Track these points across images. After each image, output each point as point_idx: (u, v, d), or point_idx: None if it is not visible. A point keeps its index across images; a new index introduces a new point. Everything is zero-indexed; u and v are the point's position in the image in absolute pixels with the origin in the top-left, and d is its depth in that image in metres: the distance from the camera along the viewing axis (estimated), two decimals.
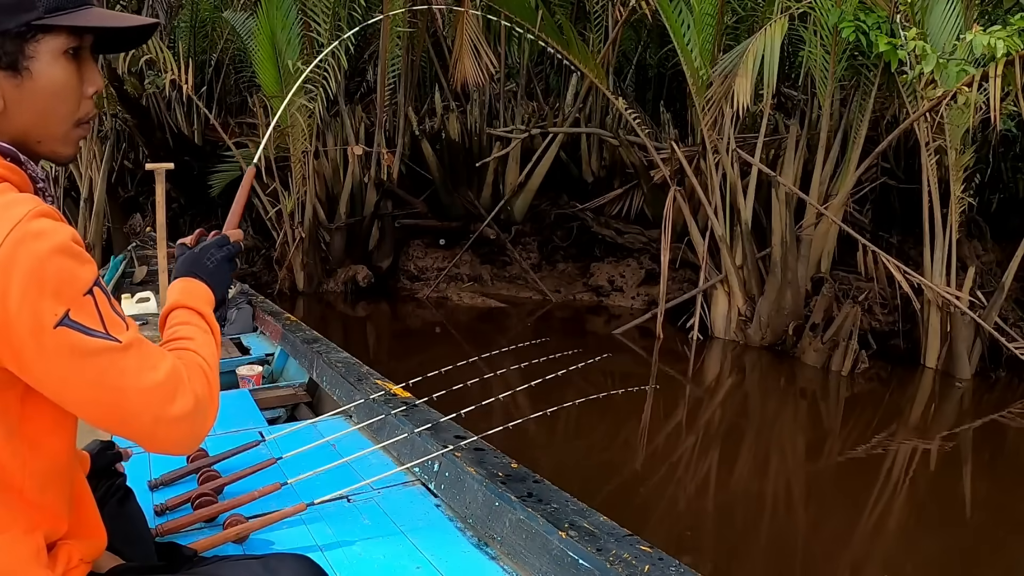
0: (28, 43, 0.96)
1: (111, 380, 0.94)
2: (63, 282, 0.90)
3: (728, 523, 4.03)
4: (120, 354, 0.94)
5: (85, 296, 0.92)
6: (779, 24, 6.10)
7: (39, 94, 0.99)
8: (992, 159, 7.28)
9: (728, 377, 6.76)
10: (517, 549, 1.87)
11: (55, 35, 0.98)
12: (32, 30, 0.96)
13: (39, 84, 0.98)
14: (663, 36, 8.70)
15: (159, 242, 4.36)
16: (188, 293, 1.23)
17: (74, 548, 1.09)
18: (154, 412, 0.97)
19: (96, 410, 0.96)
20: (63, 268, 0.90)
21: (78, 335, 0.91)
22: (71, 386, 0.93)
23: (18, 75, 0.97)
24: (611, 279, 8.65)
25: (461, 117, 9.02)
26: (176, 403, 0.98)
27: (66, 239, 0.92)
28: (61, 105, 1.01)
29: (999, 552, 3.85)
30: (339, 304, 8.49)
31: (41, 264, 0.88)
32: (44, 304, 0.88)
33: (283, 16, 7.80)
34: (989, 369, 6.29)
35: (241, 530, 1.91)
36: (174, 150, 9.19)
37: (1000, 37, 4.94)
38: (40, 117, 1.00)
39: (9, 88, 0.97)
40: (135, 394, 0.95)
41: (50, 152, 1.04)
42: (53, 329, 0.89)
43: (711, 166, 7.03)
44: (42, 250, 0.88)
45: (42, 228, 0.90)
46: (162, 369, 0.98)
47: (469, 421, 2.49)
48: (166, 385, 0.98)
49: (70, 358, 0.91)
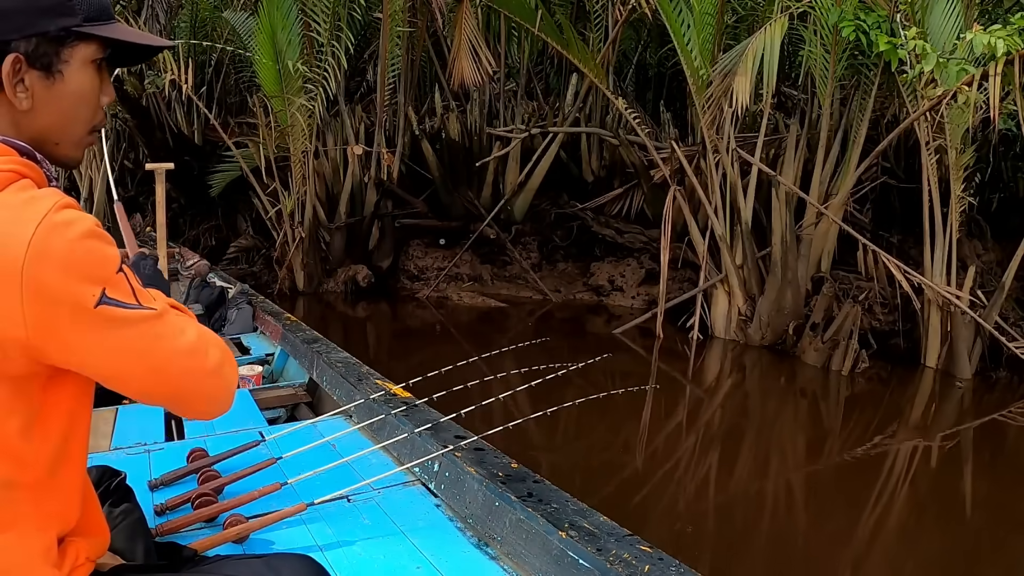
0: (64, 48, 1.01)
1: (153, 346, 1.00)
2: (96, 264, 0.95)
3: (728, 523, 4.03)
4: (157, 321, 1.00)
5: (118, 274, 0.97)
6: (779, 23, 6.10)
7: (67, 98, 1.03)
8: (992, 158, 7.28)
9: (728, 377, 6.76)
10: (517, 549, 1.87)
11: (88, 44, 1.03)
12: (71, 36, 1.01)
13: (68, 88, 1.03)
14: (663, 36, 8.71)
15: (159, 242, 4.35)
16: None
17: (81, 546, 1.09)
18: (194, 369, 1.04)
19: (143, 380, 1.02)
20: (94, 250, 0.95)
21: (118, 310, 0.96)
22: (115, 359, 0.98)
23: (51, 77, 1.01)
24: (611, 279, 8.65)
25: (461, 117, 9.02)
26: (209, 358, 1.06)
27: (92, 224, 0.96)
28: (83, 110, 1.06)
29: (999, 552, 3.85)
30: (339, 304, 8.49)
31: (73, 250, 0.92)
32: (82, 287, 0.93)
33: (283, 16, 7.80)
34: (989, 369, 6.29)
35: (241, 530, 1.91)
36: (174, 150, 9.19)
37: (1000, 36, 4.94)
38: (63, 119, 1.04)
39: (40, 88, 1.00)
40: (176, 356, 1.02)
41: (64, 155, 1.08)
42: (94, 309, 0.94)
43: (711, 166, 7.03)
44: (72, 236, 0.93)
45: (69, 217, 0.94)
46: (191, 331, 1.05)
47: (469, 421, 2.49)
48: (199, 343, 1.05)
49: (114, 332, 0.96)
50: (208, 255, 8.40)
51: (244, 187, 9.15)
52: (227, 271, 7.65)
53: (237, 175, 9.11)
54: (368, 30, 9.54)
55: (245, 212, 9.87)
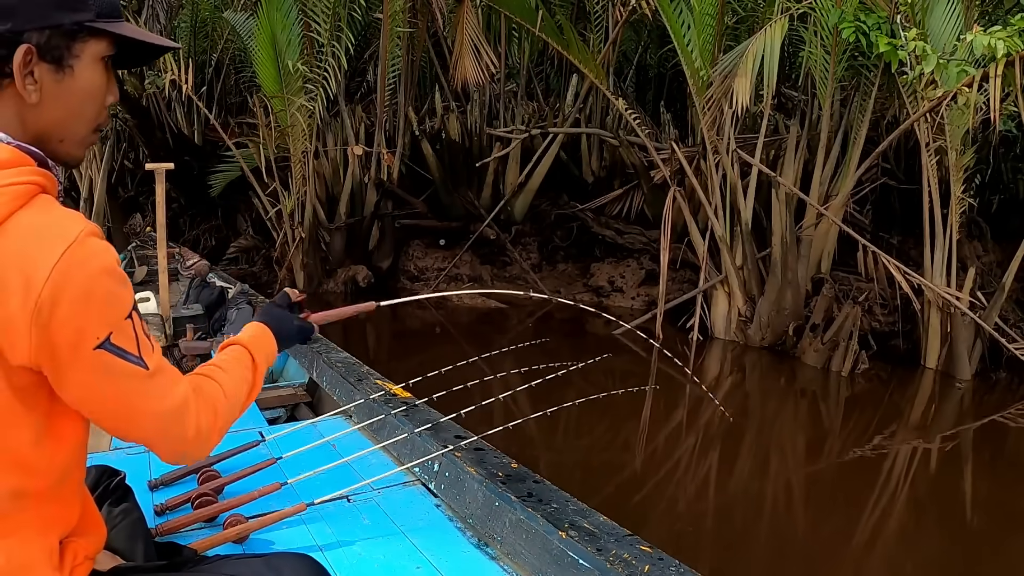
0: (76, 42, 1.00)
1: (132, 401, 1.01)
2: (110, 305, 0.95)
3: (728, 523, 4.03)
4: (146, 380, 1.00)
5: (126, 320, 0.97)
6: (779, 24, 6.10)
7: (75, 93, 1.02)
8: (992, 160, 7.28)
9: (728, 377, 6.76)
10: (517, 549, 1.87)
11: (99, 40, 1.02)
12: (83, 31, 1.00)
13: (77, 84, 1.01)
14: (663, 36, 8.71)
15: (159, 242, 4.35)
16: (258, 339, 1.32)
17: (80, 545, 1.09)
18: (159, 431, 1.05)
19: (110, 421, 1.03)
20: (111, 291, 0.95)
21: (114, 358, 0.96)
22: (95, 399, 0.99)
23: (61, 71, 1.00)
24: (611, 279, 8.65)
25: (461, 117, 9.02)
26: (178, 429, 1.06)
27: (113, 262, 0.96)
28: (90, 108, 1.04)
29: (999, 552, 3.84)
30: (339, 304, 8.45)
31: (92, 284, 0.92)
32: (90, 324, 0.93)
33: (283, 16, 7.80)
34: (989, 370, 6.29)
35: (241, 530, 1.91)
36: (174, 150, 9.19)
37: (1000, 37, 4.94)
38: (69, 116, 1.03)
39: (50, 82, 0.99)
40: (148, 415, 1.03)
41: (67, 153, 1.06)
42: (93, 350, 0.94)
43: (711, 166, 7.03)
44: (94, 270, 0.93)
45: (95, 248, 0.94)
46: (174, 397, 1.05)
47: (469, 421, 2.49)
48: (175, 413, 1.05)
49: (103, 377, 0.97)
50: (208, 255, 8.40)
51: (244, 187, 9.15)
52: (227, 271, 7.65)
53: (237, 175, 9.11)
54: (368, 30, 9.54)
55: (245, 212, 9.87)
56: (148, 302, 4.78)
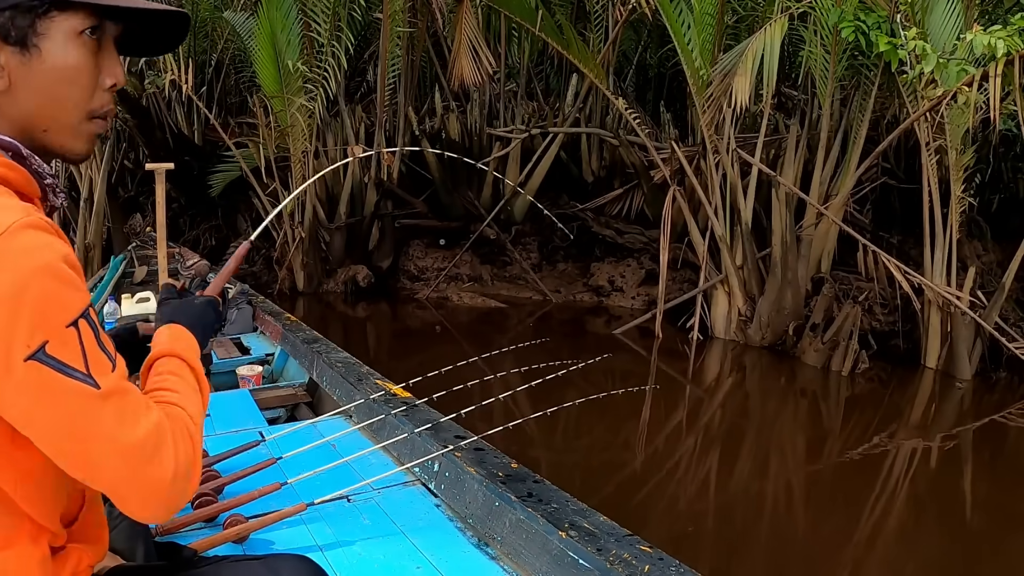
0: (40, 19, 0.90)
1: (82, 429, 0.84)
2: (45, 308, 0.80)
3: (728, 523, 4.03)
4: (97, 401, 0.84)
5: (68, 328, 0.82)
6: (779, 24, 6.10)
7: (47, 75, 0.91)
8: (992, 159, 7.28)
9: (728, 377, 6.76)
10: (517, 549, 1.87)
11: (71, 14, 0.91)
12: (45, 5, 0.90)
13: (48, 65, 0.91)
14: (663, 36, 8.71)
15: (159, 242, 4.36)
16: (175, 340, 1.12)
17: (83, 553, 1.06)
18: (128, 472, 0.87)
19: (63, 457, 0.86)
20: (47, 292, 0.81)
21: (51, 373, 0.81)
22: (37, 427, 0.84)
23: (26, 52, 0.90)
24: (611, 279, 8.65)
25: (461, 117, 9.02)
26: (154, 466, 0.88)
27: (54, 259, 0.82)
28: (71, 90, 0.94)
29: (999, 552, 3.85)
30: (339, 304, 8.49)
31: (22, 285, 0.79)
32: (18, 332, 0.79)
33: (283, 16, 7.80)
34: (989, 369, 6.28)
35: (241, 530, 1.91)
36: (174, 150, 9.19)
37: (1000, 37, 4.94)
38: (48, 101, 0.92)
39: (16, 65, 0.90)
40: (109, 449, 0.85)
41: (60, 146, 0.96)
42: (23, 362, 0.79)
43: (711, 166, 7.03)
44: (26, 267, 0.80)
45: (29, 242, 0.81)
46: (144, 425, 0.87)
47: (469, 421, 2.49)
48: (146, 444, 0.87)
49: (39, 396, 0.81)
50: (208, 255, 8.39)
51: (244, 187, 9.15)
52: None
53: (237, 175, 9.11)
54: (368, 30, 9.54)
55: (245, 212, 9.87)
56: (148, 302, 4.79)
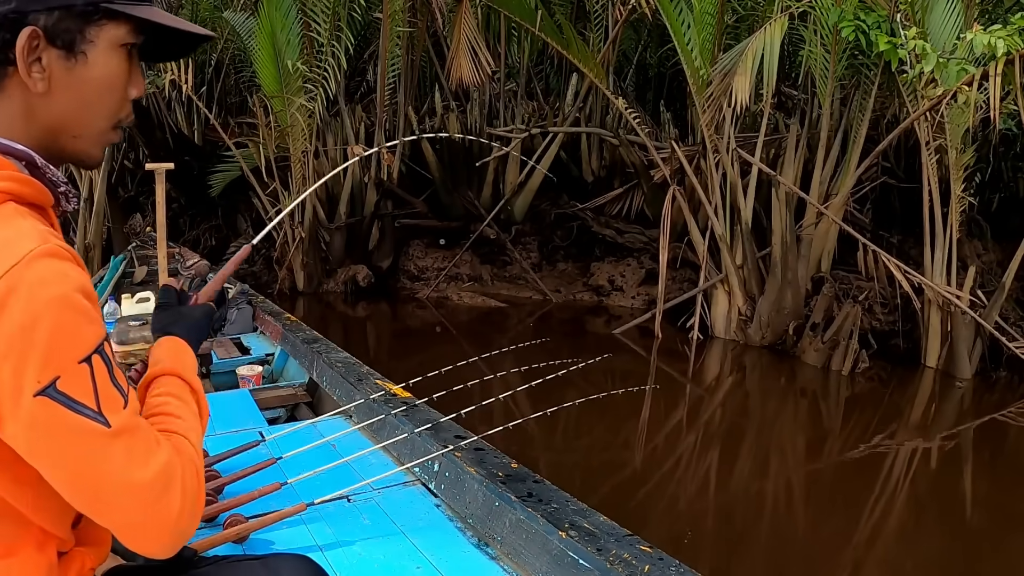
0: (91, 25, 0.89)
1: (91, 467, 0.82)
2: (58, 343, 0.79)
3: (728, 523, 4.03)
4: (107, 440, 0.82)
5: (81, 364, 0.80)
6: (779, 23, 6.10)
7: (89, 83, 0.91)
8: (992, 158, 7.28)
9: (728, 377, 6.76)
10: (517, 549, 1.87)
11: (118, 24, 0.91)
12: (98, 12, 0.89)
13: (91, 73, 0.91)
14: (663, 35, 8.70)
15: (159, 242, 4.35)
16: (176, 357, 1.10)
17: (86, 556, 1.05)
18: (136, 511, 0.86)
19: (69, 493, 0.85)
20: (62, 325, 0.79)
21: (61, 409, 0.79)
22: (44, 462, 0.82)
23: (72, 58, 0.89)
24: (611, 279, 8.65)
25: (461, 117, 9.01)
26: (162, 504, 0.87)
27: (71, 290, 0.80)
28: (107, 100, 0.94)
29: (999, 552, 3.84)
30: (339, 304, 8.49)
31: (36, 316, 0.77)
32: (29, 366, 0.77)
33: (283, 16, 7.80)
34: (989, 369, 6.28)
35: (241, 530, 1.91)
36: (174, 150, 9.19)
37: (1000, 36, 4.94)
38: (83, 108, 0.92)
39: (59, 70, 0.89)
40: (118, 488, 0.84)
41: (81, 151, 0.95)
42: (33, 397, 0.77)
43: (711, 165, 7.03)
44: (41, 298, 0.77)
45: (47, 272, 0.79)
46: (154, 464, 0.86)
47: (469, 421, 2.49)
48: (155, 484, 0.86)
49: (47, 433, 0.79)
50: (208, 255, 8.39)
51: (244, 187, 9.15)
52: None
53: (237, 175, 9.11)
54: (368, 30, 9.54)
55: (245, 212, 9.87)
56: (148, 302, 4.78)
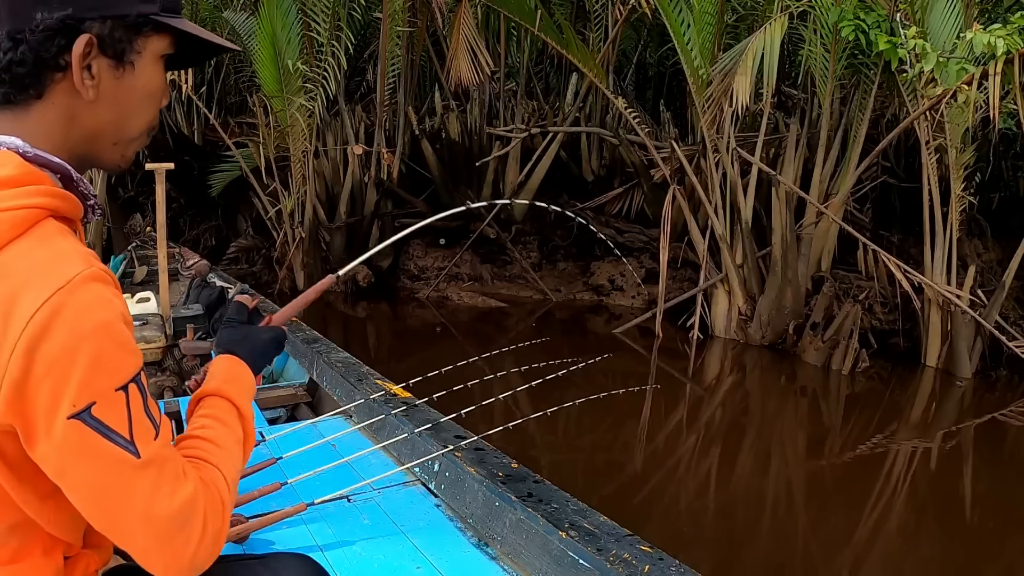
0: (140, 37, 0.91)
1: (115, 495, 0.83)
2: (97, 369, 0.79)
3: (728, 522, 4.03)
4: (135, 470, 0.82)
5: (118, 392, 0.81)
6: (779, 23, 6.09)
7: (134, 92, 0.93)
8: (992, 157, 7.27)
9: (728, 376, 6.76)
10: (517, 549, 1.87)
11: (162, 37, 0.94)
12: (148, 24, 0.91)
13: (137, 82, 0.93)
14: (663, 35, 8.70)
15: (159, 242, 4.36)
16: (235, 380, 1.09)
17: (91, 558, 1.05)
18: (155, 541, 0.86)
19: (92, 516, 0.85)
20: (102, 353, 0.79)
21: (93, 435, 0.79)
22: (70, 484, 0.83)
23: (121, 67, 0.91)
24: (611, 278, 8.65)
25: (461, 116, 9.01)
26: (182, 537, 0.87)
27: (113, 318, 0.81)
28: (148, 109, 0.96)
29: (999, 550, 3.85)
30: (339, 304, 8.49)
31: (79, 342, 0.77)
32: (67, 389, 0.78)
33: (283, 16, 7.80)
34: (990, 368, 6.29)
35: (241, 530, 1.91)
36: (174, 150, 9.19)
37: (1000, 35, 4.94)
38: (125, 117, 0.94)
39: (108, 79, 0.90)
40: (139, 518, 0.84)
41: (117, 157, 0.96)
42: (67, 420, 0.78)
43: (711, 165, 7.03)
44: (85, 324, 0.78)
45: (91, 298, 0.79)
46: (179, 498, 0.86)
47: (469, 421, 2.49)
48: (177, 517, 0.86)
49: (77, 457, 0.80)
50: (208, 255, 8.40)
51: (244, 187, 9.15)
52: (227, 271, 7.65)
53: (237, 175, 9.11)
54: (368, 30, 9.53)
55: (245, 212, 9.87)
56: (148, 302, 4.79)
